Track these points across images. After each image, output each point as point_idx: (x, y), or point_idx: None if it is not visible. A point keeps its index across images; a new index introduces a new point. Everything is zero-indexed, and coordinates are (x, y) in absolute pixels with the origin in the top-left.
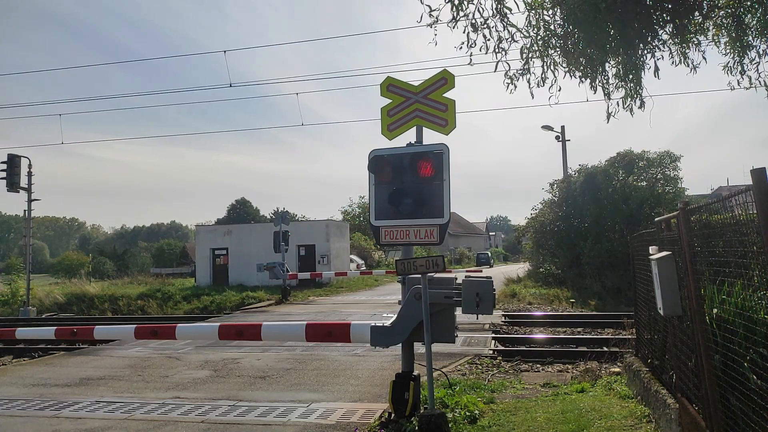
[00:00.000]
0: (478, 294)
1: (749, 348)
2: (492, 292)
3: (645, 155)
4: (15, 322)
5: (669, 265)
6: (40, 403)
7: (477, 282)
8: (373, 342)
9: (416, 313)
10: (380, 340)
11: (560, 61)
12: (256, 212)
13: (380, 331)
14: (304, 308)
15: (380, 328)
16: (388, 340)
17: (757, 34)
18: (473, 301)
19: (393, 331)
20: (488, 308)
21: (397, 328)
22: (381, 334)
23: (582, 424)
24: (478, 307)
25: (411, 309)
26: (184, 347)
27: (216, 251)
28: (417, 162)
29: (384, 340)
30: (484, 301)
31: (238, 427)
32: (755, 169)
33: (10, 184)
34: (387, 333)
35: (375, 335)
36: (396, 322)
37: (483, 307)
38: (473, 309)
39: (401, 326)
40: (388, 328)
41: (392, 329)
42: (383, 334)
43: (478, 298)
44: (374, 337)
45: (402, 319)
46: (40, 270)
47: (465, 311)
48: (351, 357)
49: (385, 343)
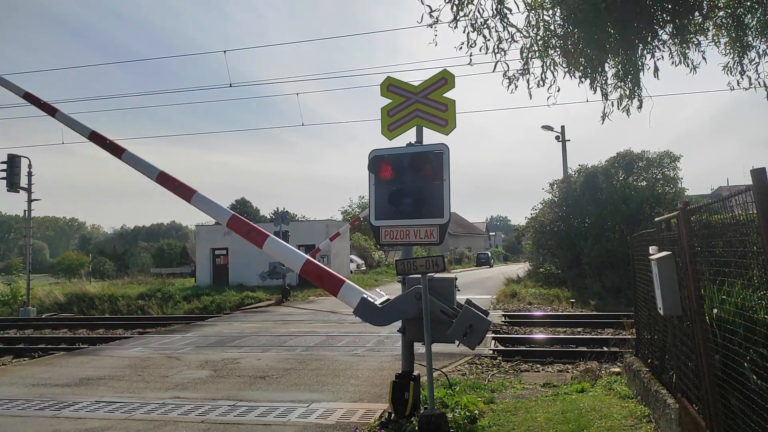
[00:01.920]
0: (471, 326)
1: (749, 348)
2: (485, 329)
3: (645, 155)
4: (15, 323)
5: (669, 265)
6: (40, 403)
7: (477, 315)
8: (356, 311)
9: (409, 309)
10: (365, 313)
11: (560, 62)
12: (256, 212)
13: (369, 306)
14: (305, 308)
15: (370, 303)
16: (371, 317)
17: (756, 34)
18: (463, 329)
19: (380, 312)
20: (473, 341)
21: (384, 312)
22: (368, 309)
23: (582, 424)
24: (465, 337)
25: (405, 304)
26: (184, 347)
27: (216, 251)
28: (417, 162)
29: (368, 315)
30: (474, 333)
31: (238, 427)
32: (755, 169)
33: (10, 184)
34: (374, 311)
35: (362, 307)
36: (387, 307)
37: (469, 339)
38: (459, 336)
39: (389, 313)
40: (377, 307)
41: (380, 310)
42: (370, 310)
43: (469, 329)
44: (361, 308)
45: (393, 307)
46: (40, 270)
47: (450, 333)
48: (351, 357)
49: (368, 318)
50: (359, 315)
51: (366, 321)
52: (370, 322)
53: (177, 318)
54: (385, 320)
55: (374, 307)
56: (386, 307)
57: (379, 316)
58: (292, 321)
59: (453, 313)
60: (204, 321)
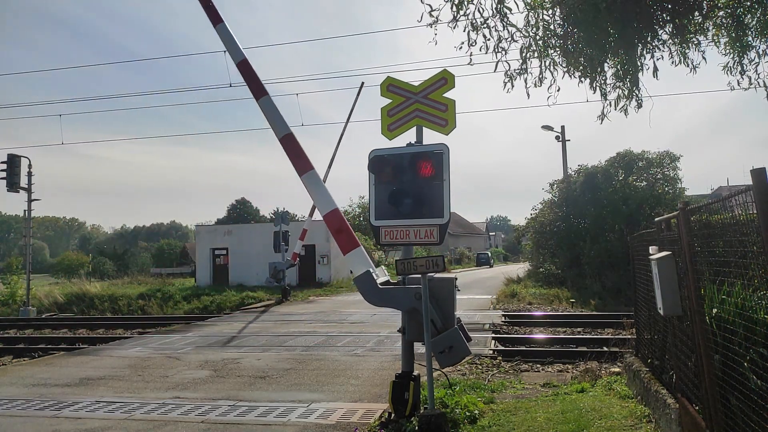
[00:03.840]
0: (452, 347)
1: (749, 348)
2: (462, 356)
3: (645, 155)
4: (15, 323)
5: (669, 265)
6: (40, 403)
7: (461, 340)
8: (357, 280)
9: (403, 303)
10: (364, 285)
11: (560, 61)
12: (256, 212)
13: (370, 281)
14: (305, 308)
15: (372, 279)
16: (368, 292)
17: (756, 34)
18: (443, 346)
19: (378, 292)
20: (446, 362)
21: (381, 294)
22: (368, 283)
23: (582, 424)
24: (441, 353)
25: (401, 297)
26: (184, 347)
27: (216, 251)
28: (417, 162)
29: (366, 289)
30: (451, 354)
31: (238, 427)
32: (755, 169)
33: (10, 184)
34: (373, 289)
35: (364, 279)
36: (386, 290)
37: (444, 357)
38: (437, 350)
39: (384, 297)
40: (377, 286)
41: (378, 290)
42: (371, 285)
43: (448, 349)
44: (362, 280)
45: (391, 293)
46: (40, 270)
47: (433, 349)
48: (351, 357)
49: (365, 292)
50: (358, 285)
51: (361, 293)
52: (363, 296)
53: (177, 318)
54: (379, 302)
55: (374, 285)
56: (385, 290)
57: (375, 295)
58: (292, 321)
59: (442, 327)
60: (204, 321)
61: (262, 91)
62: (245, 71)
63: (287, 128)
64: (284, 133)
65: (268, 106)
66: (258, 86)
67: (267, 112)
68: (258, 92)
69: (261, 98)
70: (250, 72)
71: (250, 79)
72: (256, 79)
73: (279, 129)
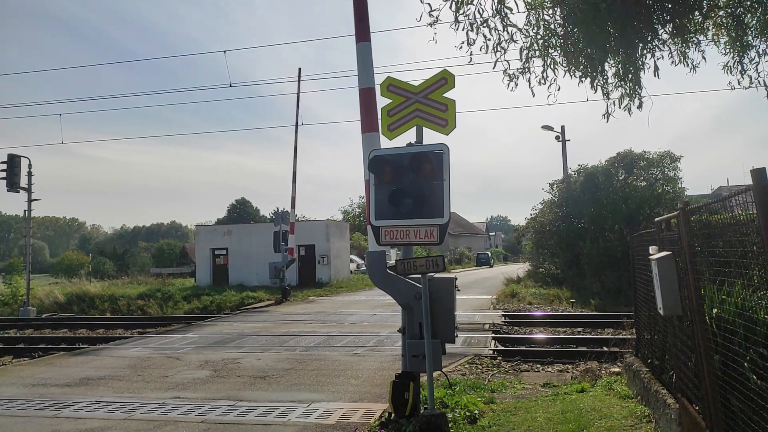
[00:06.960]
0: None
1: (749, 348)
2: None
3: (645, 155)
4: (15, 323)
5: (669, 265)
6: (40, 403)
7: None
8: (369, 254)
9: (401, 295)
10: (375, 264)
11: (560, 61)
12: (256, 212)
13: (382, 261)
14: (305, 308)
15: (384, 261)
16: (376, 271)
17: (756, 33)
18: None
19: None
20: (414, 367)
21: (385, 278)
22: (378, 260)
23: (582, 424)
24: (414, 357)
25: (402, 289)
26: (184, 347)
27: (216, 251)
28: (417, 162)
29: (375, 268)
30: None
31: (238, 427)
32: (755, 169)
33: (10, 184)
34: (381, 269)
35: (377, 256)
36: (390, 277)
37: (414, 362)
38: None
39: (385, 282)
40: (385, 268)
41: (385, 273)
42: (380, 263)
43: (422, 356)
44: (375, 256)
45: (393, 282)
46: (40, 270)
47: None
48: (351, 357)
49: (372, 270)
50: (369, 259)
51: (368, 269)
52: (369, 274)
53: (177, 318)
54: (381, 284)
55: (383, 267)
56: (392, 276)
57: (381, 277)
58: (292, 321)
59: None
60: (204, 321)
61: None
62: (366, 100)
63: (372, 82)
64: (366, 86)
65: (364, 53)
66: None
67: (361, 60)
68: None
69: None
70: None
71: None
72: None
73: (363, 81)
